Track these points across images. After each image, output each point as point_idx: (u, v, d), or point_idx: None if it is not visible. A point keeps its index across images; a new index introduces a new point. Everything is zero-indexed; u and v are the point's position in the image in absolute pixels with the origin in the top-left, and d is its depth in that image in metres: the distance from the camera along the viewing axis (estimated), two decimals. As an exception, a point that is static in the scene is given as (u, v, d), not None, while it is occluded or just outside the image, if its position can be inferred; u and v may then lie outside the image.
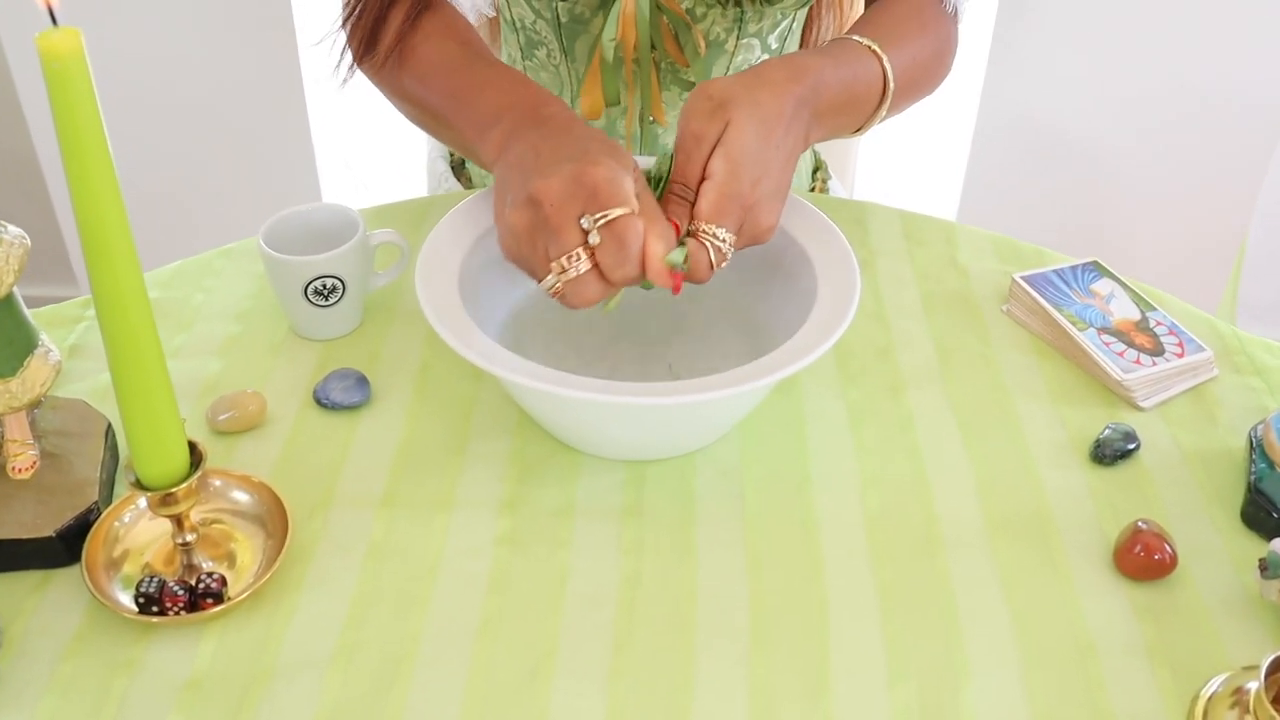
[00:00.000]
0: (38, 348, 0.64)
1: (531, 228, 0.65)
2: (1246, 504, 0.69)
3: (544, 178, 0.64)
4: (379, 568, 0.64)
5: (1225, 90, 1.50)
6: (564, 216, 0.63)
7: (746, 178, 0.67)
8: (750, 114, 0.69)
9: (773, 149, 0.69)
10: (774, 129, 0.69)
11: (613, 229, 0.62)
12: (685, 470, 0.70)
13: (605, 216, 0.62)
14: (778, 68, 0.73)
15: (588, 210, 0.63)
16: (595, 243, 0.63)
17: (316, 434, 0.72)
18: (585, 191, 0.63)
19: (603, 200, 0.63)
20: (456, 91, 0.79)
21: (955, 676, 0.59)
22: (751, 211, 0.68)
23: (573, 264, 0.63)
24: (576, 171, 0.63)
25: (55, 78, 0.48)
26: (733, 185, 0.67)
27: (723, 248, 0.67)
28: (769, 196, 0.68)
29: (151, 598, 0.61)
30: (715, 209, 0.67)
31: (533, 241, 0.65)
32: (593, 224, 0.63)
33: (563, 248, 0.63)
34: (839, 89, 0.76)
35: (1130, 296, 0.83)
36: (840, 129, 0.80)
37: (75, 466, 0.67)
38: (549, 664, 0.60)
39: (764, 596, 0.63)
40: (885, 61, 0.79)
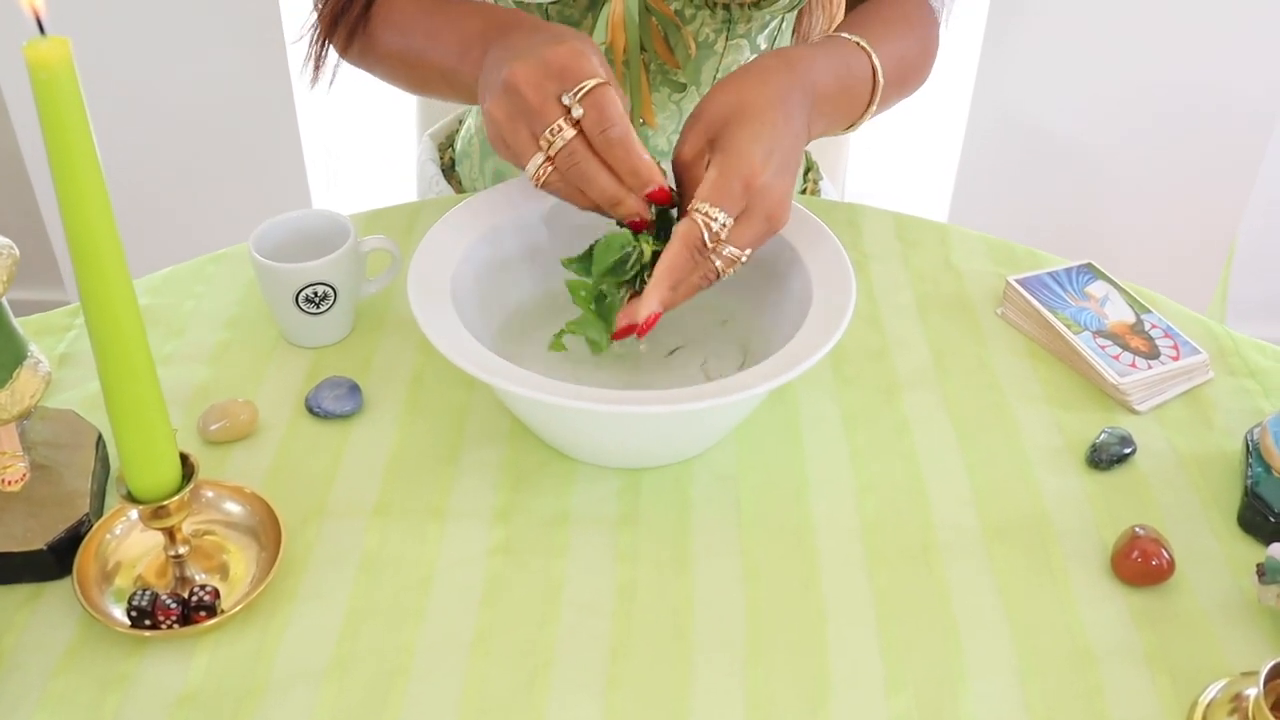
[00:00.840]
0: (27, 359, 0.64)
1: (511, 114, 0.67)
2: (1243, 508, 0.69)
3: (515, 64, 0.66)
4: (373, 578, 0.64)
5: (1215, 91, 1.51)
6: (540, 95, 0.65)
7: (748, 157, 0.66)
8: (743, 109, 0.69)
9: (772, 128, 0.68)
10: (771, 112, 0.69)
11: (591, 97, 0.65)
12: (681, 478, 0.70)
13: (581, 89, 0.65)
14: (770, 58, 0.73)
15: (563, 87, 0.65)
16: (578, 115, 0.65)
17: (308, 443, 0.72)
18: (555, 68, 0.66)
19: (574, 74, 0.65)
20: (434, 30, 0.81)
21: (953, 684, 0.59)
22: (760, 193, 0.66)
23: (557, 135, 0.65)
24: (545, 53, 0.66)
25: (43, 87, 0.48)
26: (733, 164, 0.66)
27: (714, 226, 0.65)
28: (777, 172, 0.67)
29: (144, 611, 0.60)
30: (713, 188, 0.66)
31: (515, 128, 0.67)
32: (572, 99, 0.65)
33: (544, 122, 0.66)
34: (832, 79, 0.76)
35: (1125, 299, 0.83)
36: (836, 122, 0.80)
37: (66, 478, 0.66)
38: (545, 674, 0.59)
39: (761, 605, 0.63)
40: (874, 57, 0.80)
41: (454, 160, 1.11)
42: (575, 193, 0.68)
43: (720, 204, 0.66)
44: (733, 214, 0.66)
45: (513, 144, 0.67)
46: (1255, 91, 1.50)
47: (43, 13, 0.49)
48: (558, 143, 0.65)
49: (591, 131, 0.65)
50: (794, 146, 0.69)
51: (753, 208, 0.67)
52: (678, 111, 0.97)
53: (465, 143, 1.08)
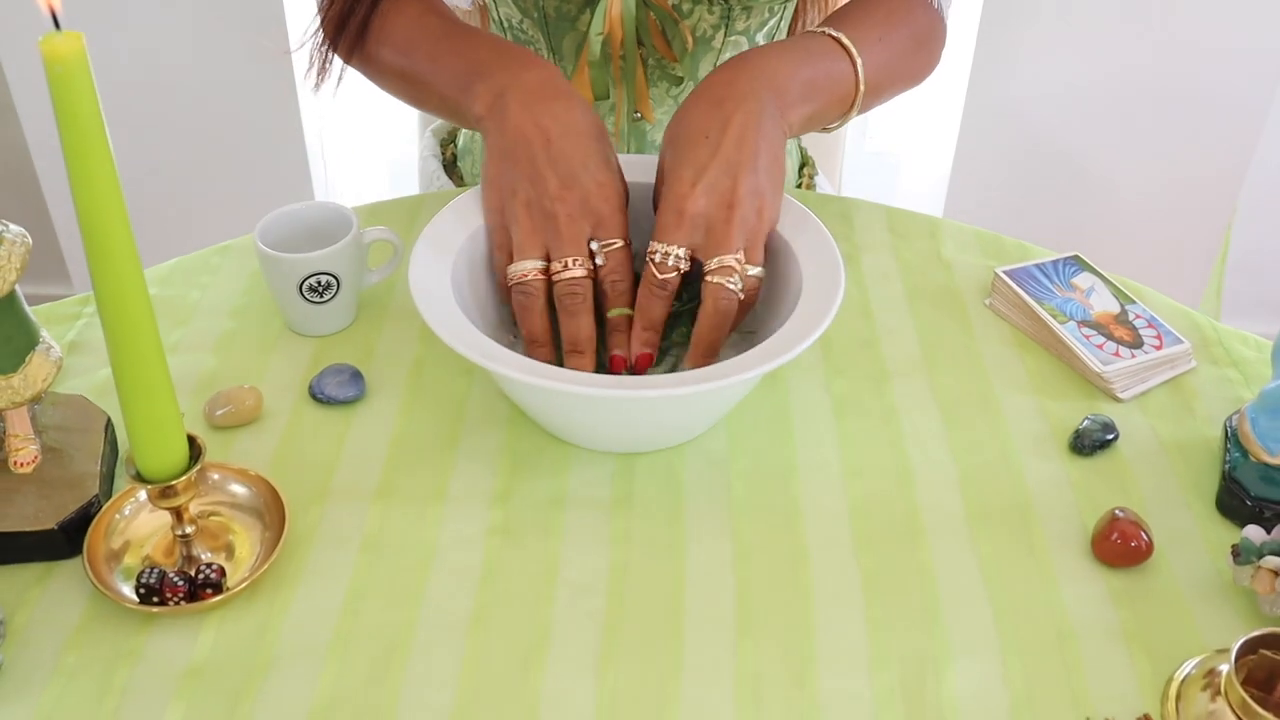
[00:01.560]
0: (39, 344, 0.66)
1: (536, 226, 0.72)
2: (1221, 492, 0.70)
3: (562, 188, 0.71)
4: (374, 559, 0.66)
5: (1207, 88, 1.52)
6: (575, 231, 0.71)
7: (674, 187, 0.71)
8: (672, 142, 0.74)
9: (697, 147, 0.72)
10: (701, 126, 0.72)
11: (616, 255, 0.72)
12: (674, 462, 0.72)
13: (613, 244, 0.72)
14: (718, 68, 0.77)
15: (594, 234, 0.72)
16: (600, 264, 0.72)
17: (312, 428, 0.74)
18: (595, 217, 0.72)
19: (607, 227, 0.72)
20: (436, 55, 0.82)
21: (936, 661, 0.61)
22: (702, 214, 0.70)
23: (574, 265, 0.71)
24: (592, 197, 0.71)
25: (58, 81, 0.50)
26: (665, 200, 0.71)
27: (657, 258, 0.70)
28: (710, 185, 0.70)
29: (152, 588, 0.62)
30: (657, 227, 0.72)
31: (533, 235, 0.72)
32: (599, 249, 0.72)
33: (566, 252, 0.71)
34: (792, 66, 0.77)
35: (1110, 290, 0.84)
36: (822, 110, 0.81)
37: (76, 460, 0.68)
38: (541, 652, 0.61)
39: (750, 585, 0.65)
40: (854, 52, 0.81)
41: (455, 156, 1.13)
42: (534, 315, 0.72)
43: (662, 239, 0.71)
44: (680, 243, 0.71)
45: (521, 241, 0.72)
46: (1246, 88, 1.52)
47: (58, 8, 0.50)
48: (569, 272, 0.71)
49: (605, 277, 0.72)
50: (740, 147, 0.71)
51: (709, 226, 0.71)
52: (676, 105, 0.98)
53: (467, 139, 1.10)
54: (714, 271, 0.70)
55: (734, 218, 0.70)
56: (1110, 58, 1.51)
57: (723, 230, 0.70)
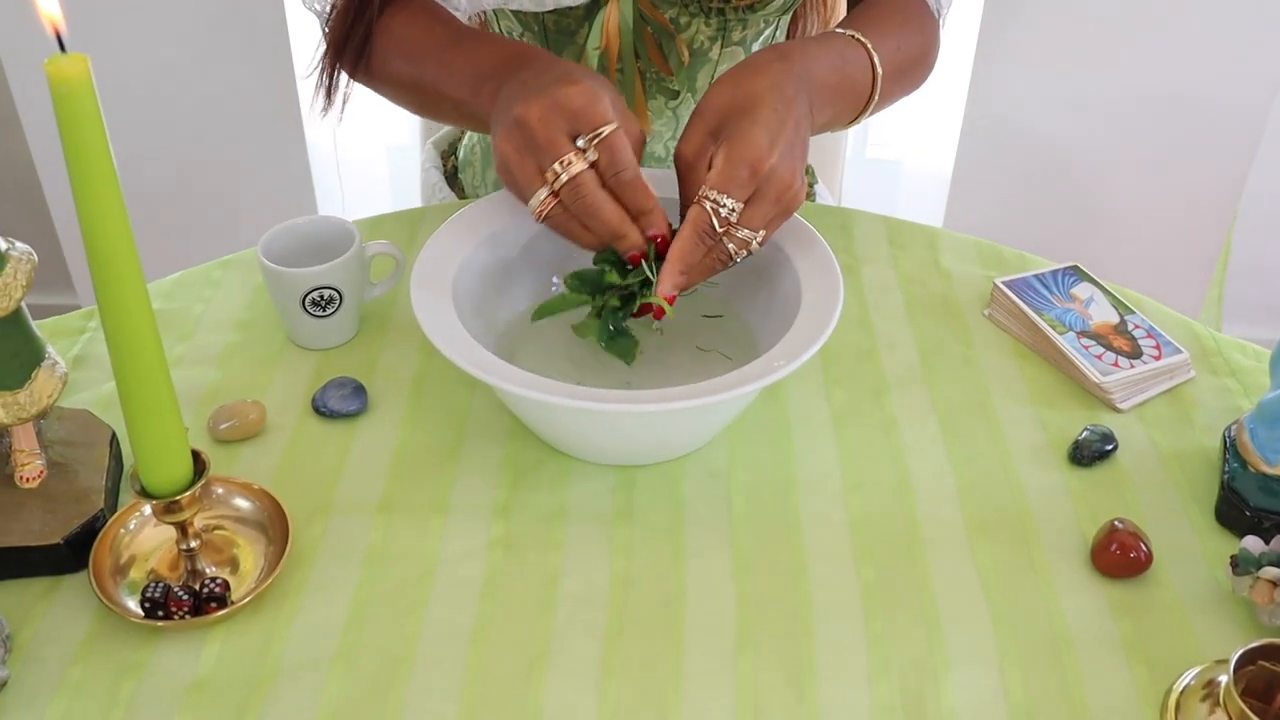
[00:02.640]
0: (45, 360, 0.66)
1: (520, 148, 0.68)
2: (1220, 502, 0.71)
3: (526, 101, 0.68)
4: (377, 572, 0.66)
5: (1206, 93, 1.52)
6: (550, 131, 0.67)
7: (753, 143, 0.68)
8: (744, 99, 0.70)
9: (773, 113, 0.70)
10: (771, 97, 0.70)
11: (606, 142, 0.67)
12: (674, 474, 0.72)
13: (598, 134, 0.67)
14: (764, 53, 0.75)
15: (575, 128, 0.67)
16: (592, 158, 0.67)
17: (315, 442, 0.74)
18: (568, 108, 0.67)
19: (588, 116, 0.67)
20: (447, 62, 0.82)
21: (935, 672, 0.61)
22: (768, 177, 0.68)
23: (566, 168, 0.67)
24: (558, 91, 0.67)
25: (64, 102, 0.50)
26: (738, 151, 0.68)
27: (723, 211, 0.68)
28: (782, 156, 0.69)
29: (157, 602, 0.62)
30: (720, 175, 0.68)
31: (522, 161, 0.69)
32: (587, 142, 0.67)
33: (553, 156, 0.67)
34: (829, 70, 0.77)
35: (1109, 300, 0.85)
36: (840, 114, 0.81)
37: (81, 475, 0.69)
38: (542, 664, 0.62)
39: (751, 597, 0.65)
40: (871, 50, 0.81)
41: (457, 168, 1.13)
42: (576, 226, 0.70)
43: (727, 190, 0.68)
44: (741, 199, 0.68)
45: (519, 177, 0.69)
46: (1246, 94, 1.52)
47: (63, 30, 0.51)
48: (565, 176, 0.67)
49: (606, 173, 0.68)
50: (797, 131, 0.70)
51: (762, 192, 0.69)
52: (674, 118, 0.99)
53: (468, 151, 1.10)
54: (732, 237, 0.69)
55: (788, 194, 0.69)
56: (1109, 64, 1.51)
57: (770, 204, 0.69)
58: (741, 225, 0.69)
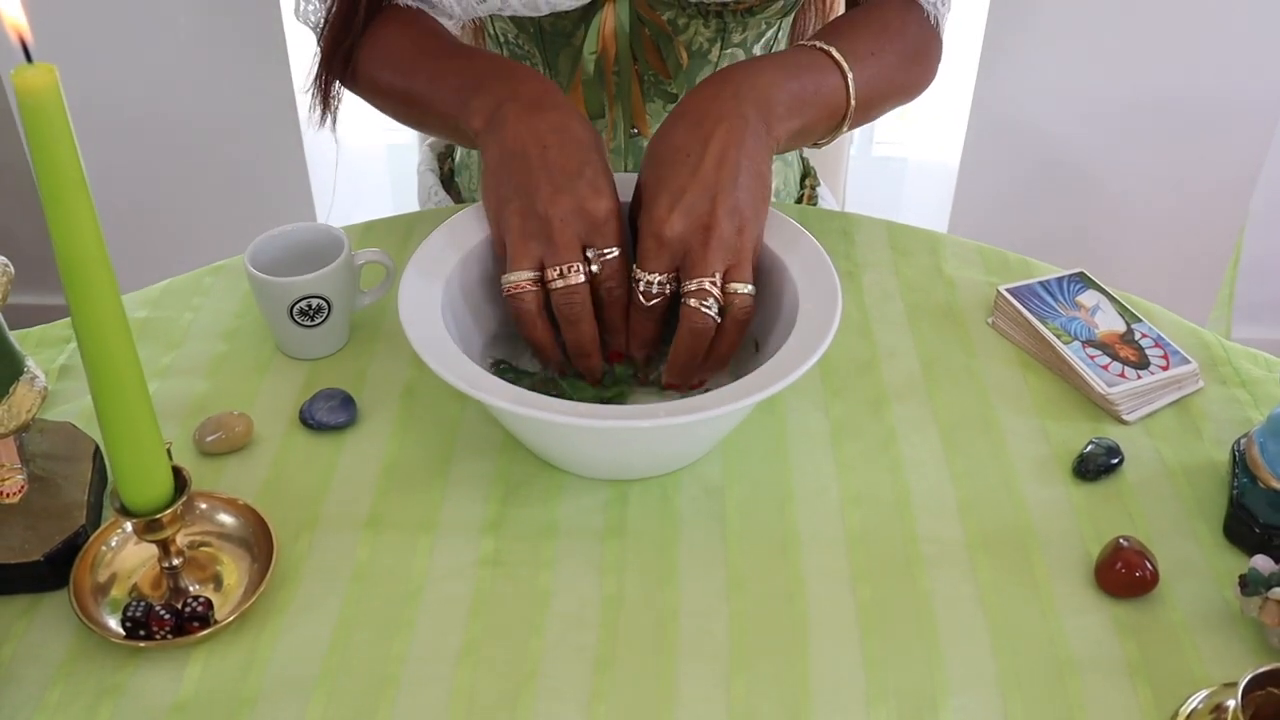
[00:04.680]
0: (23, 374, 0.65)
1: (528, 232, 0.70)
2: (1229, 518, 0.69)
3: (553, 193, 0.70)
4: (364, 590, 0.65)
5: (1216, 94, 1.50)
6: (568, 236, 0.70)
7: (651, 212, 0.70)
8: (649, 163, 0.73)
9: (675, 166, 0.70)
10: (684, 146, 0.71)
11: (611, 264, 0.71)
12: (668, 489, 0.71)
13: (609, 253, 0.71)
14: (705, 80, 0.76)
15: (590, 240, 0.70)
16: (596, 271, 0.71)
17: (303, 455, 0.73)
18: (589, 223, 0.70)
19: (604, 236, 0.71)
20: (436, 74, 0.82)
21: (935, 695, 0.60)
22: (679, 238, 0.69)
23: (570, 273, 0.70)
24: (586, 201, 0.70)
25: (31, 114, 0.49)
26: (643, 227, 0.71)
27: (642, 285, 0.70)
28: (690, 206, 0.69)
29: (138, 622, 0.61)
30: (638, 255, 0.71)
31: (526, 244, 0.70)
32: (597, 256, 0.71)
33: (563, 260, 0.70)
34: (784, 78, 0.76)
35: (1116, 308, 0.83)
36: (814, 122, 0.79)
37: (63, 490, 0.67)
38: (531, 686, 0.60)
39: (745, 617, 0.64)
40: (845, 66, 0.79)
41: (453, 171, 1.12)
42: (535, 323, 0.71)
43: (644, 266, 0.70)
44: (659, 270, 0.70)
45: (514, 252, 0.71)
46: (1255, 94, 1.50)
47: (29, 39, 0.50)
48: (562, 283, 0.70)
49: (601, 287, 0.71)
50: (721, 166, 0.70)
51: (687, 250, 0.70)
52: (673, 121, 0.97)
53: (464, 154, 1.09)
54: (690, 294, 0.70)
55: (711, 240, 0.69)
56: (1117, 61, 1.49)
57: (700, 253, 0.69)
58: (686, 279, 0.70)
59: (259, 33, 1.49)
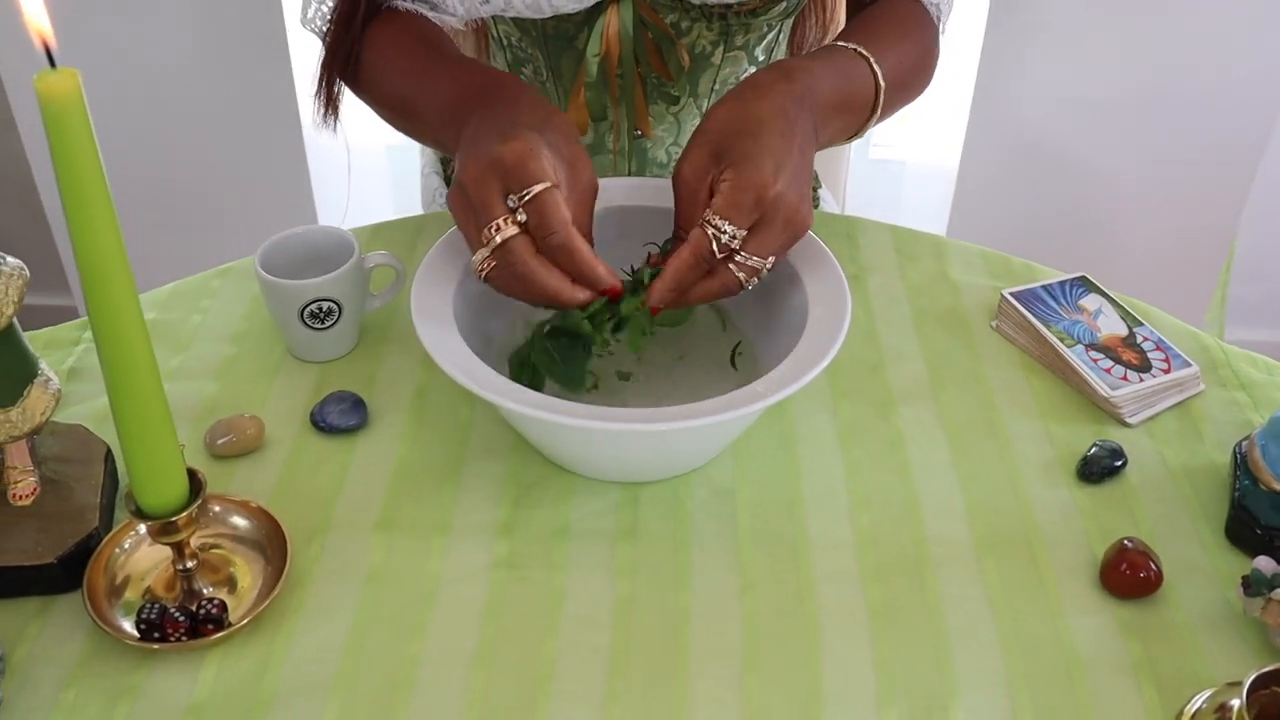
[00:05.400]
0: (38, 376, 0.65)
1: (462, 207, 0.68)
2: (1231, 520, 0.70)
3: (466, 161, 0.67)
4: (377, 592, 0.65)
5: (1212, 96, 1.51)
6: (485, 194, 0.66)
7: (759, 169, 0.67)
8: (748, 122, 0.69)
9: (778, 138, 0.69)
10: (776, 122, 0.69)
11: (535, 202, 0.65)
12: (679, 491, 0.71)
13: (527, 193, 0.65)
14: (767, 71, 0.74)
15: (509, 188, 0.66)
16: (522, 219, 0.66)
17: (314, 458, 0.73)
18: (502, 167, 0.66)
19: (520, 175, 0.65)
20: (425, 86, 0.81)
21: (944, 695, 0.61)
22: (774, 203, 0.67)
23: (496, 232, 0.66)
24: (495, 150, 0.66)
25: (54, 119, 0.49)
26: (744, 177, 0.67)
27: (723, 238, 0.67)
28: (789, 182, 0.68)
29: (153, 624, 0.61)
30: (725, 201, 0.67)
31: (465, 220, 0.68)
32: (518, 202, 0.66)
33: (488, 218, 0.66)
34: (833, 87, 0.77)
35: (1118, 312, 0.84)
36: (843, 129, 0.80)
37: (76, 492, 0.68)
38: (545, 688, 0.61)
39: (756, 617, 0.64)
40: (873, 64, 0.80)
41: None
42: (516, 288, 0.68)
43: (731, 217, 0.67)
44: (744, 226, 0.67)
45: (466, 236, 0.69)
46: (1253, 94, 1.51)
47: (53, 44, 0.50)
48: (497, 239, 0.66)
49: (535, 235, 0.66)
50: (802, 154, 0.70)
51: (767, 218, 0.68)
52: (675, 123, 0.98)
53: (467, 155, 1.09)
54: (744, 267, 0.68)
55: (796, 219, 0.68)
56: (1114, 63, 1.50)
57: (777, 230, 0.68)
58: (750, 253, 0.68)
59: (260, 35, 1.49)
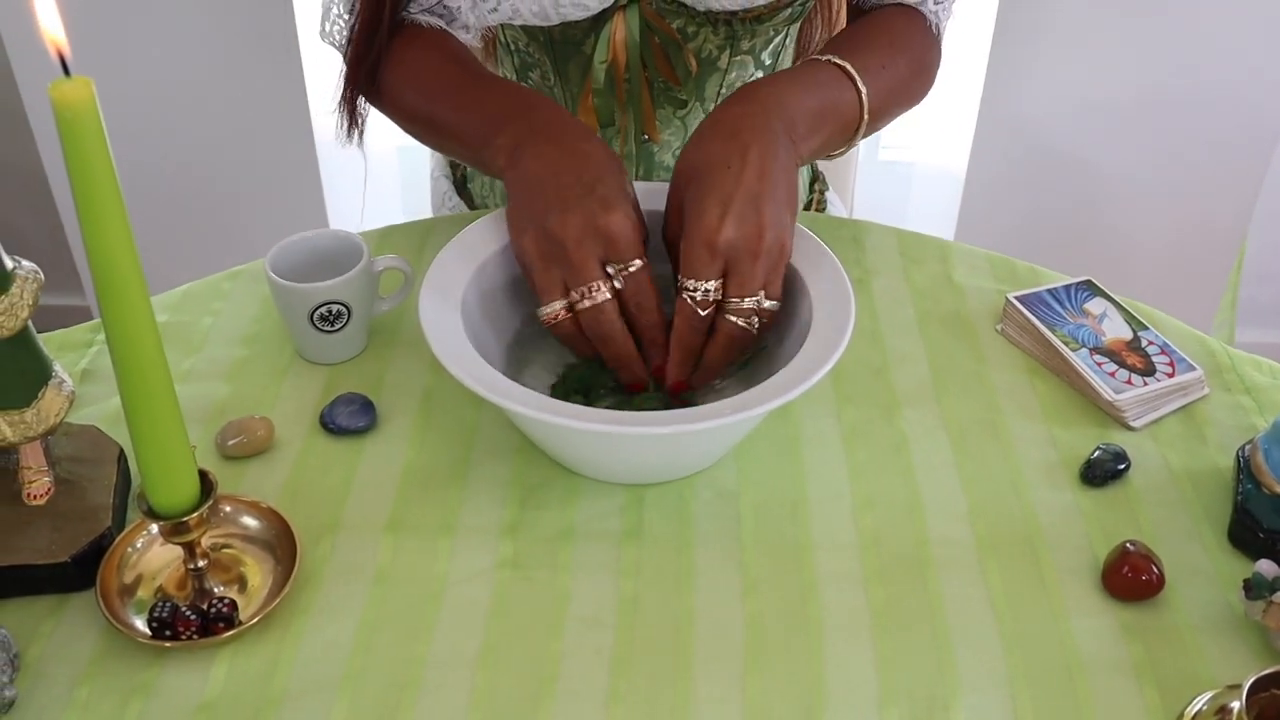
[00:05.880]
0: (52, 379, 0.66)
1: (546, 258, 0.71)
2: (1233, 524, 0.70)
3: (563, 213, 0.69)
4: (385, 592, 0.66)
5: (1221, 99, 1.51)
6: (583, 255, 0.69)
7: (703, 220, 0.69)
8: (693, 172, 0.72)
9: (724, 175, 0.70)
10: (725, 158, 0.71)
11: (635, 278, 0.70)
12: (684, 493, 0.72)
13: (629, 268, 0.70)
14: (731, 99, 0.76)
15: (608, 256, 0.70)
16: (619, 287, 0.70)
17: (323, 459, 0.74)
18: (606, 236, 0.69)
19: (620, 248, 0.70)
20: (459, 104, 0.82)
21: (946, 696, 0.61)
22: (730, 245, 0.69)
23: (594, 293, 0.70)
24: (597, 217, 0.69)
25: (68, 126, 0.50)
26: (692, 233, 0.70)
27: (697, 295, 0.70)
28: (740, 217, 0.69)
29: (165, 622, 0.62)
30: (685, 262, 0.70)
31: (547, 270, 0.71)
32: (617, 272, 0.70)
33: (582, 280, 0.70)
34: (806, 97, 0.77)
35: (1122, 316, 0.84)
36: (830, 139, 0.81)
37: (89, 493, 0.69)
38: (550, 688, 0.61)
39: (760, 618, 0.65)
40: (859, 81, 0.80)
41: (465, 176, 1.13)
42: (584, 343, 0.72)
43: (695, 275, 0.70)
44: (711, 277, 0.70)
45: (539, 282, 0.72)
46: (1261, 97, 1.51)
47: (67, 53, 0.51)
48: (588, 302, 0.70)
49: (628, 304, 0.71)
50: (762, 179, 0.70)
51: (732, 261, 0.70)
52: (682, 127, 0.98)
53: (476, 160, 1.10)
54: (738, 311, 0.70)
55: (760, 250, 0.69)
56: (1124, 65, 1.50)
57: (749, 266, 0.69)
58: (733, 297, 0.70)
59: (273, 40, 1.50)
